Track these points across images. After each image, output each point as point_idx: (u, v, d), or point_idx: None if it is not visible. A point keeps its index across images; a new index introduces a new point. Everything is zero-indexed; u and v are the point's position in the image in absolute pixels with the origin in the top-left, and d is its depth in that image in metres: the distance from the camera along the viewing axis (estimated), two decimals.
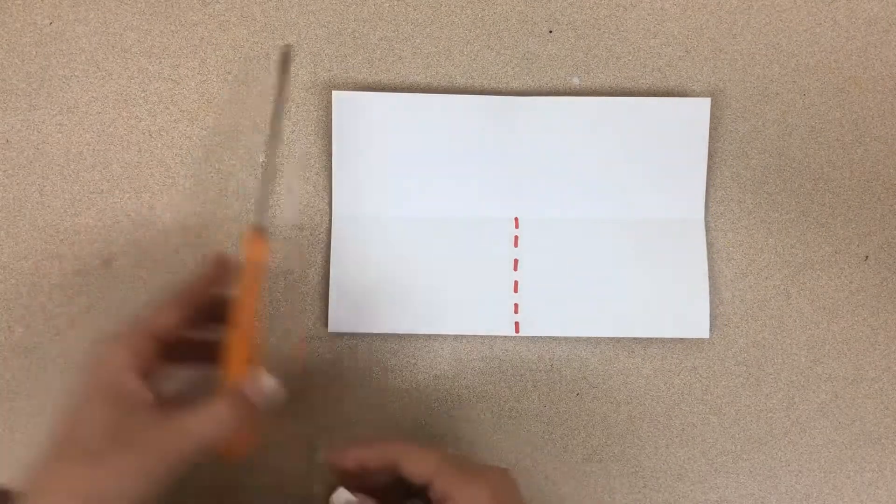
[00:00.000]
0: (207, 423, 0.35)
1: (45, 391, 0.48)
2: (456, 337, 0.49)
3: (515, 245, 0.49)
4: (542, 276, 0.49)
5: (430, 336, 0.49)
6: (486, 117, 0.49)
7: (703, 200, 0.49)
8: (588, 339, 0.49)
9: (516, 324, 0.49)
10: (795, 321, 0.49)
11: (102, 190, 0.49)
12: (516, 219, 0.49)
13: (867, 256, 0.50)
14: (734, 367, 0.49)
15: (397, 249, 0.49)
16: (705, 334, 0.48)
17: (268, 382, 0.38)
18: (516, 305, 0.49)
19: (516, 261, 0.49)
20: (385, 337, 0.49)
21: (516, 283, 0.49)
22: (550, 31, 0.50)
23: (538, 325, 0.49)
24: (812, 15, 0.50)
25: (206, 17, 0.50)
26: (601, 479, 0.49)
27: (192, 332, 0.39)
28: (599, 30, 0.50)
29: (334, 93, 0.48)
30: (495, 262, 0.49)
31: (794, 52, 0.50)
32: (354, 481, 0.38)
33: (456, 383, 0.49)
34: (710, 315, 0.48)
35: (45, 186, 0.49)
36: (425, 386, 0.49)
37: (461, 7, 0.50)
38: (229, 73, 0.50)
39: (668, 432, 0.49)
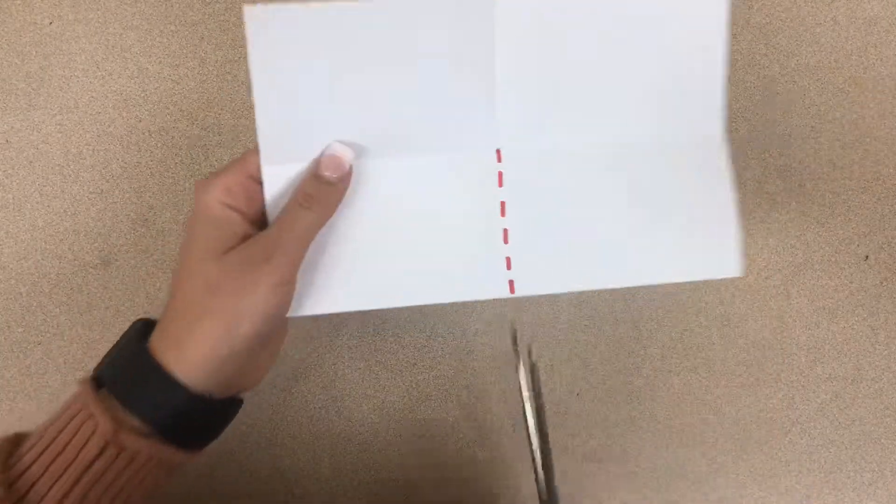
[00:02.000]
0: (298, 210, 0.37)
1: (45, 391, 0.48)
2: (455, 336, 0.49)
3: (500, 184, 0.39)
4: (536, 221, 0.40)
5: (422, 327, 0.49)
6: (451, 21, 0.37)
7: (722, 113, 0.40)
8: (588, 332, 0.49)
9: (510, 282, 0.40)
10: (795, 321, 0.49)
11: (102, 190, 0.49)
12: (498, 151, 0.39)
13: (867, 256, 0.50)
14: (734, 367, 0.49)
15: (349, 204, 0.39)
16: (737, 272, 0.39)
17: (339, 151, 0.38)
18: (508, 260, 0.39)
19: (503, 204, 0.39)
20: (384, 336, 0.49)
21: (506, 231, 0.40)
22: None
23: (537, 281, 0.40)
24: (812, 15, 0.50)
25: (206, 16, 0.50)
26: (601, 479, 0.49)
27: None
28: None
29: (246, 8, 0.36)
30: (477, 208, 0.39)
31: (794, 52, 0.50)
32: None
33: (456, 383, 0.49)
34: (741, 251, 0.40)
35: (45, 186, 0.49)
36: (425, 386, 0.49)
37: None
38: (229, 72, 0.50)
39: (667, 432, 0.49)
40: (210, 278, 0.35)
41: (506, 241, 0.40)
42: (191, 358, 0.35)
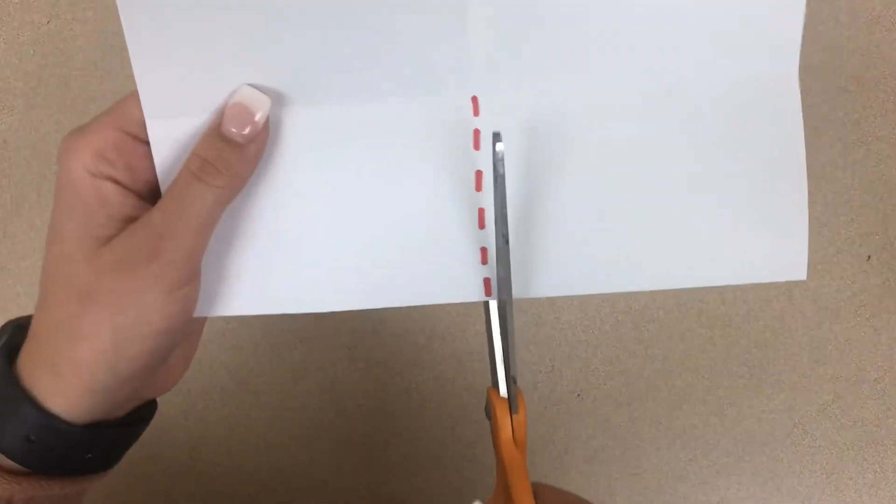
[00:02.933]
0: (192, 183, 0.27)
1: None
2: (455, 337, 0.49)
3: (476, 147, 0.28)
4: (526, 197, 0.29)
5: (421, 327, 0.49)
6: None
7: (798, 44, 0.28)
8: (589, 332, 0.49)
9: (486, 281, 0.29)
10: (797, 321, 0.49)
11: None
12: (474, 99, 0.28)
13: (869, 256, 0.50)
14: (736, 368, 0.49)
15: (266, 172, 0.29)
16: (802, 275, 0.30)
17: (249, 97, 0.27)
18: (484, 251, 0.29)
19: (479, 174, 0.29)
20: (383, 336, 0.49)
21: (482, 212, 0.29)
22: None
23: (525, 280, 0.29)
24: (813, 14, 0.50)
25: None
26: (602, 480, 0.49)
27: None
28: None
29: None
30: (443, 179, 0.28)
31: None
32: None
33: (456, 384, 0.49)
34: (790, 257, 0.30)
35: (43, 186, 0.49)
36: (425, 386, 0.49)
37: None
38: None
39: (669, 433, 0.48)
40: (82, 284, 0.27)
41: (481, 226, 0.29)
42: (67, 387, 0.27)
